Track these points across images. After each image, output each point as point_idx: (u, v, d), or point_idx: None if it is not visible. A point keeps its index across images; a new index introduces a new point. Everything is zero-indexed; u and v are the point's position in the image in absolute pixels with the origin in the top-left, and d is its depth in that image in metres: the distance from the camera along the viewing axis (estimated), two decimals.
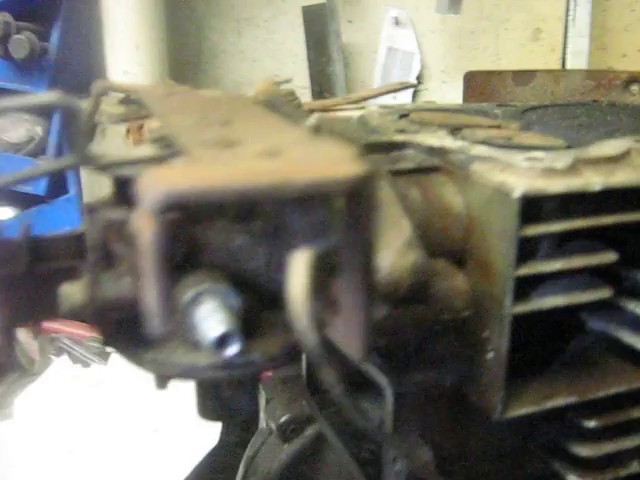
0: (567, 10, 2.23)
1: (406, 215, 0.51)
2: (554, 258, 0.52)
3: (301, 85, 2.56)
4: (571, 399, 0.56)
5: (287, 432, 0.85)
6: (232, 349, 0.42)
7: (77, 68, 1.95)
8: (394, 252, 0.48)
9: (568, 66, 2.21)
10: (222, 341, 0.42)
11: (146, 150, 0.41)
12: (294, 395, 0.88)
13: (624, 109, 0.93)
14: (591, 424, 0.59)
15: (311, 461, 0.87)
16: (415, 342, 0.57)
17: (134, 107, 0.76)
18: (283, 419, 0.85)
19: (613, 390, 0.58)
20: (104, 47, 1.83)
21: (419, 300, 0.49)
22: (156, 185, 0.29)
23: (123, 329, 0.48)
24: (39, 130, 1.86)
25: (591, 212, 0.52)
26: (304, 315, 0.36)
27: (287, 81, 0.66)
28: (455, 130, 0.65)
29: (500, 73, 0.90)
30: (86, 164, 0.38)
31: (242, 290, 0.48)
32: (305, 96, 2.51)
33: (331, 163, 0.32)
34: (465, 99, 0.95)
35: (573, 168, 0.52)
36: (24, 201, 2.14)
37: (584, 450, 0.60)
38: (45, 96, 0.37)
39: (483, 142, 0.59)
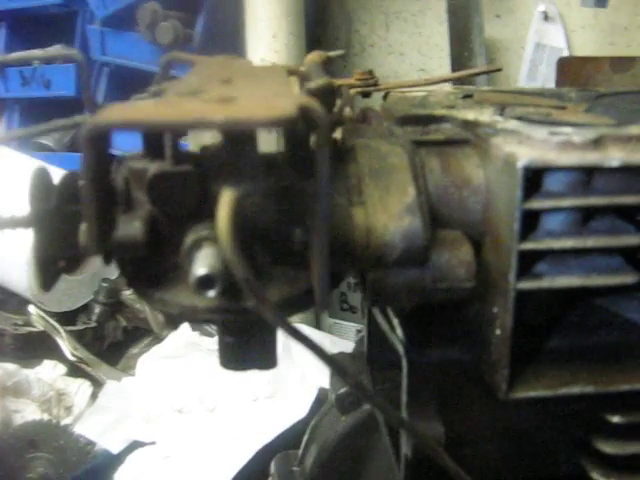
0: None
1: (414, 182, 0.51)
2: (567, 236, 0.50)
3: None
4: (588, 389, 0.54)
5: (345, 404, 0.87)
6: (211, 292, 0.45)
7: (219, 54, 2.06)
8: (390, 215, 0.49)
9: None
10: (205, 282, 0.45)
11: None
12: (357, 370, 0.90)
13: None
14: (615, 419, 0.56)
15: (366, 436, 0.88)
16: (434, 316, 0.57)
17: None
18: (342, 391, 0.87)
19: (639, 386, 0.54)
20: (245, 35, 1.93)
21: (415, 265, 0.50)
22: (92, 119, 0.33)
23: (139, 269, 0.52)
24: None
25: (612, 191, 0.50)
26: (228, 245, 0.38)
27: (339, 54, 0.68)
28: (505, 108, 0.63)
29: (596, 59, 0.85)
30: None
31: (252, 244, 0.51)
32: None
33: (262, 108, 0.34)
34: (558, 86, 0.91)
35: (596, 143, 0.50)
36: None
37: (608, 447, 0.57)
38: (57, 50, 0.41)
39: (519, 118, 0.57)
